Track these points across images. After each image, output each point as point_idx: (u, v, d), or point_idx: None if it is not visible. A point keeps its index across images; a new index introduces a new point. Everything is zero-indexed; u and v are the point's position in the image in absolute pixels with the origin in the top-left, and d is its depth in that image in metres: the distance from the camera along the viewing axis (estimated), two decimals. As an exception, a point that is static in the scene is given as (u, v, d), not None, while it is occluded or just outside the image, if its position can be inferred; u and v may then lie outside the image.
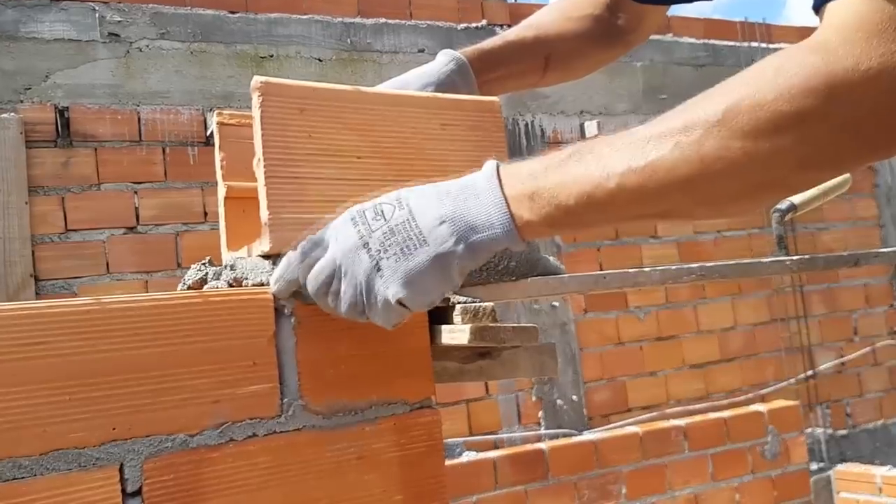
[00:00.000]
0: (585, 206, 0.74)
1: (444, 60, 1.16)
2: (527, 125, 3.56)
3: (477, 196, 0.77)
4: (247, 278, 0.81)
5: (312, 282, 0.77)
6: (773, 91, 0.66)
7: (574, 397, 3.52)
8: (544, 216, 0.75)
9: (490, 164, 0.79)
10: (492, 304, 0.86)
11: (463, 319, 0.84)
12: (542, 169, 0.76)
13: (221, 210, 0.97)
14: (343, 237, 0.77)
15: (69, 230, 2.79)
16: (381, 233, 0.76)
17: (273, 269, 0.82)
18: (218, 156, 1.03)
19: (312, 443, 0.80)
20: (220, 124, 1.04)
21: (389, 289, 0.75)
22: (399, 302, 0.76)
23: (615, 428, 3.36)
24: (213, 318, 0.76)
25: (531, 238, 0.79)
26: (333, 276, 0.77)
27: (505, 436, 3.37)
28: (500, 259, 0.95)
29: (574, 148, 0.76)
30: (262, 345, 0.78)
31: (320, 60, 3.23)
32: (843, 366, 4.20)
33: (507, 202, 0.76)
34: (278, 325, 0.80)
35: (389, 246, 0.75)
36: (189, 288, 0.86)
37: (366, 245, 0.76)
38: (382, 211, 0.77)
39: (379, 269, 0.75)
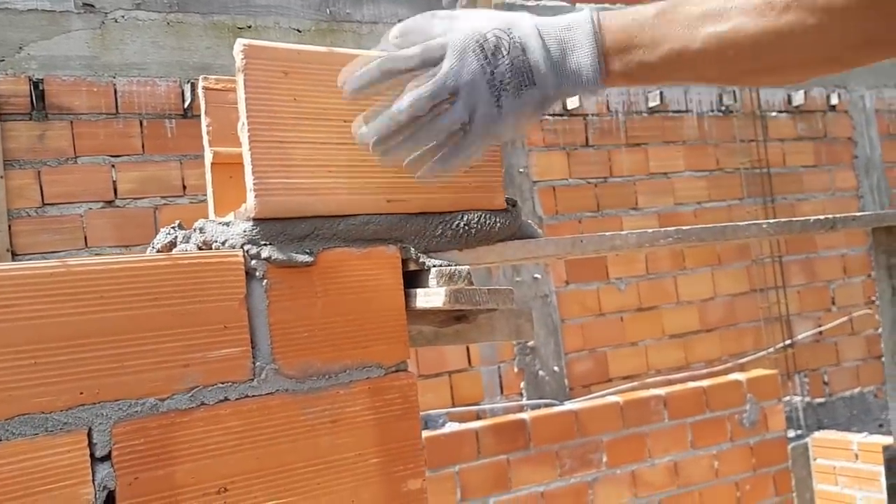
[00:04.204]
0: (668, 67, 0.79)
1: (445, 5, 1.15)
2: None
3: (578, 46, 0.80)
4: (216, 241, 0.80)
5: (432, 86, 0.79)
6: None
7: (556, 368, 3.54)
8: (628, 72, 0.80)
9: (588, 16, 0.81)
10: (467, 267, 0.85)
11: (438, 282, 0.83)
12: (637, 26, 0.79)
13: (209, 176, 0.96)
14: (467, 63, 0.79)
15: (46, 204, 2.76)
16: (504, 68, 0.79)
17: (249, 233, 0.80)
18: (204, 121, 1.01)
19: (285, 407, 0.79)
20: (206, 89, 1.02)
21: (504, 124, 0.80)
22: None
23: (596, 398, 3.38)
24: (182, 281, 0.75)
25: (609, 87, 0.84)
26: (446, 92, 0.79)
27: (487, 406, 3.39)
28: (484, 221, 0.94)
29: (665, 5, 0.79)
30: (233, 308, 0.77)
31: (299, 31, 3.19)
32: (821, 335, 4.25)
33: (603, 56, 0.80)
34: (249, 287, 0.79)
35: (508, 81, 0.79)
36: (158, 251, 0.84)
37: (489, 78, 0.79)
38: (500, 44, 0.80)
39: (498, 105, 0.79)
